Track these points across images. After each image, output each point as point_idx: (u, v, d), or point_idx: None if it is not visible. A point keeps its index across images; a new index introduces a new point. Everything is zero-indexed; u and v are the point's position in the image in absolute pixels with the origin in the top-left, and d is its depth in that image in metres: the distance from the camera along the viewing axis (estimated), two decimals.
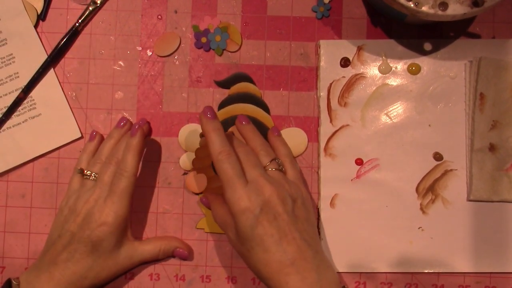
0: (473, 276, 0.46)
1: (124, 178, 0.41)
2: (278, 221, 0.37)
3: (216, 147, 0.39)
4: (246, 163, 0.40)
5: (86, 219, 0.41)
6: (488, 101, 0.45)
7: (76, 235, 0.41)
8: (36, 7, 0.48)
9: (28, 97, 0.47)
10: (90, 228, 0.40)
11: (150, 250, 0.44)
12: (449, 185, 0.46)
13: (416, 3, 0.39)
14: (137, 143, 0.42)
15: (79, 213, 0.41)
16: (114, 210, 0.41)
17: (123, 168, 0.42)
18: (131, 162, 0.42)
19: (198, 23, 0.48)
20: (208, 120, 0.40)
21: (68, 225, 0.42)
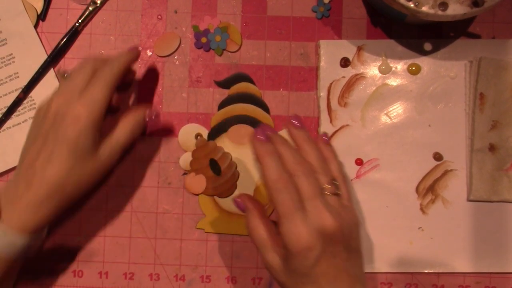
0: (473, 276, 0.46)
1: (101, 78, 0.39)
2: (336, 259, 0.34)
3: (272, 174, 0.35)
4: (306, 189, 0.35)
5: (59, 116, 0.37)
6: (488, 101, 0.45)
7: (50, 135, 0.38)
8: (36, 7, 0.48)
9: (28, 97, 0.47)
10: (64, 125, 0.37)
11: (123, 135, 0.41)
12: (449, 185, 0.46)
13: (416, 3, 0.39)
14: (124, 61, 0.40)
15: (50, 112, 0.38)
16: (88, 104, 0.37)
17: (100, 73, 0.39)
18: (110, 70, 0.39)
19: (198, 23, 0.48)
20: (261, 143, 0.36)
21: (41, 128, 0.38)
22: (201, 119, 0.47)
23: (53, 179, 0.37)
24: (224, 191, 0.46)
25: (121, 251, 0.47)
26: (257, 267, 0.46)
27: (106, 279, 0.46)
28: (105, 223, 0.47)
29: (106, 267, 0.46)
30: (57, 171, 0.37)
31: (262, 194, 0.46)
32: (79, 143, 0.37)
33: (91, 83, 0.39)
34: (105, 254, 0.47)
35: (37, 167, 0.37)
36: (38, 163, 0.38)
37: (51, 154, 0.37)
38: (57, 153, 0.37)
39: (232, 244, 0.46)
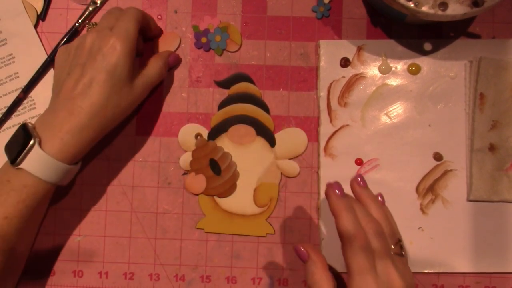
0: (473, 276, 0.46)
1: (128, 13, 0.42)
2: None
3: (350, 229, 0.35)
4: (378, 249, 0.36)
5: (95, 48, 0.40)
6: (488, 101, 0.45)
7: (87, 65, 0.40)
8: (36, 7, 0.48)
9: (28, 97, 0.47)
10: (101, 55, 0.39)
11: (155, 72, 0.44)
12: (449, 185, 0.46)
13: (416, 3, 0.39)
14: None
15: (86, 46, 0.40)
16: (121, 35, 0.40)
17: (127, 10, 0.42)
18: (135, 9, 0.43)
19: (198, 23, 0.48)
20: (338, 196, 0.37)
21: (75, 59, 0.41)
22: (201, 119, 0.47)
23: (94, 104, 0.39)
24: (224, 191, 0.46)
25: (121, 251, 0.47)
26: (257, 267, 0.46)
27: (106, 279, 0.46)
28: (105, 223, 0.47)
29: (106, 267, 0.46)
30: (98, 96, 0.39)
31: (262, 194, 0.46)
32: (116, 70, 0.40)
33: (120, 19, 0.41)
34: (105, 254, 0.47)
35: (76, 95, 0.39)
36: (77, 91, 0.39)
37: (90, 81, 0.39)
38: (97, 80, 0.39)
39: (232, 244, 0.46)
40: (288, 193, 0.47)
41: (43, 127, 0.39)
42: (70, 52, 0.42)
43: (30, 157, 0.38)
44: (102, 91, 0.39)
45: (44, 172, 0.38)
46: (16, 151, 0.38)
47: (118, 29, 0.40)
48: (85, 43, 0.41)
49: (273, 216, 0.46)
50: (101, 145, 0.47)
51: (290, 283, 0.46)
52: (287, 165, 0.47)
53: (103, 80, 0.39)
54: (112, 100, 0.40)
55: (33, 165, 0.38)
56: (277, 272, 0.46)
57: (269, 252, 0.46)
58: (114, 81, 0.40)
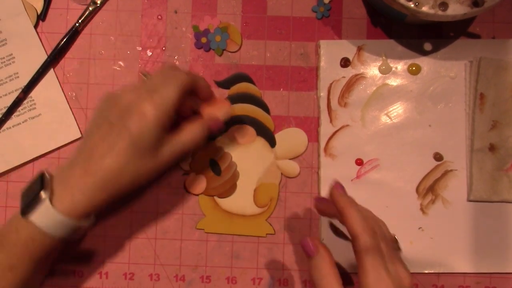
0: (473, 276, 0.46)
1: (174, 80, 0.39)
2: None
3: (361, 227, 0.35)
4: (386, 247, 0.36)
5: (128, 110, 0.38)
6: (488, 101, 0.45)
7: (115, 126, 0.38)
8: (36, 7, 0.48)
9: (28, 97, 0.47)
10: (130, 120, 0.37)
11: (190, 139, 0.40)
12: (449, 185, 0.46)
13: (416, 3, 0.39)
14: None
15: (120, 104, 0.38)
16: (157, 103, 0.37)
17: (175, 76, 0.39)
18: (185, 76, 0.39)
19: (198, 23, 0.48)
20: (343, 194, 0.37)
21: (107, 113, 0.39)
22: None
23: (110, 169, 0.37)
24: (224, 191, 0.46)
25: (121, 251, 0.47)
26: (257, 267, 0.46)
27: (106, 279, 0.46)
28: (105, 223, 0.47)
29: (106, 267, 0.46)
30: (116, 163, 0.37)
31: (262, 194, 0.46)
32: (141, 139, 0.37)
33: (164, 84, 0.39)
34: (105, 254, 0.47)
35: (96, 155, 0.38)
36: (98, 151, 0.38)
37: (112, 145, 0.37)
38: (119, 145, 0.37)
39: (232, 244, 0.46)
40: (288, 193, 0.47)
41: (59, 179, 0.38)
42: (109, 103, 0.40)
43: (40, 211, 0.37)
44: (122, 157, 0.37)
45: (52, 227, 0.37)
46: (28, 201, 0.37)
47: (157, 94, 0.38)
48: (121, 101, 0.38)
49: (273, 216, 0.46)
50: None
51: (290, 283, 0.46)
52: (287, 165, 0.47)
53: (125, 147, 0.37)
54: (131, 167, 0.38)
55: (41, 219, 0.37)
56: (277, 272, 0.46)
57: (269, 252, 0.46)
58: (137, 148, 0.37)
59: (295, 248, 0.46)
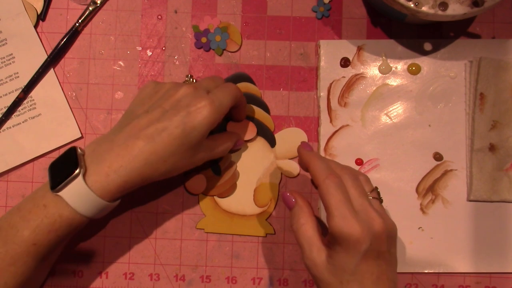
0: (473, 276, 0.46)
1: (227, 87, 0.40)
2: (380, 260, 0.35)
3: (322, 172, 0.36)
4: (354, 190, 0.36)
5: (184, 102, 0.38)
6: (488, 101, 0.45)
7: (169, 112, 0.37)
8: (36, 7, 0.48)
9: (28, 97, 0.47)
10: (185, 111, 0.37)
11: (218, 149, 0.42)
12: (449, 185, 0.46)
13: (416, 3, 0.39)
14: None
15: (178, 94, 0.38)
16: (214, 102, 0.38)
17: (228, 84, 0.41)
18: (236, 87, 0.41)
19: (198, 23, 0.48)
20: (309, 150, 0.39)
21: (160, 101, 0.39)
22: None
23: (155, 153, 0.37)
24: (224, 191, 0.46)
25: (121, 251, 0.47)
26: (257, 267, 0.46)
27: (106, 279, 0.46)
28: (105, 223, 0.47)
29: (106, 267, 0.46)
30: (163, 148, 0.37)
31: (262, 194, 0.46)
32: (192, 133, 0.37)
33: (219, 88, 0.40)
34: (105, 254, 0.47)
35: (143, 136, 0.37)
36: (145, 133, 0.37)
37: (163, 130, 0.37)
38: (170, 132, 0.37)
39: (232, 244, 0.46)
40: None
41: (93, 156, 0.37)
42: (159, 91, 0.40)
43: (71, 187, 0.36)
44: (170, 144, 0.37)
45: (82, 205, 0.36)
46: (60, 177, 0.36)
47: (214, 96, 0.39)
48: (178, 92, 0.39)
49: (273, 216, 0.46)
50: None
51: (290, 283, 0.46)
52: (287, 165, 0.47)
53: (176, 136, 0.37)
54: (174, 157, 0.38)
55: (72, 196, 0.36)
56: (277, 272, 0.46)
57: (269, 252, 0.46)
58: (185, 141, 0.37)
59: (295, 248, 0.46)
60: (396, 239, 0.37)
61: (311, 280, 0.46)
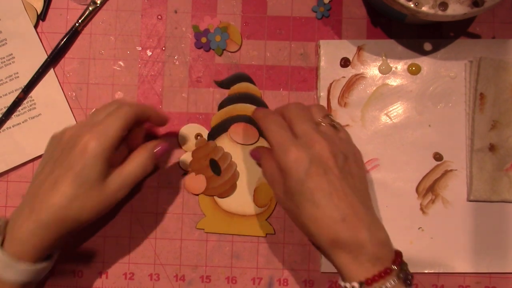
0: (473, 276, 0.46)
1: (117, 112, 0.39)
2: (328, 175, 0.35)
3: (260, 114, 0.39)
4: (296, 118, 0.38)
5: (70, 145, 0.38)
6: (488, 101, 0.45)
7: (58, 162, 0.38)
8: (36, 7, 0.48)
9: (28, 97, 0.47)
10: (72, 154, 0.37)
11: (136, 169, 0.40)
12: (449, 185, 0.46)
13: (416, 3, 0.39)
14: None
15: (63, 140, 0.39)
16: (98, 135, 0.37)
17: (118, 108, 0.39)
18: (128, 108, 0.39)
19: (198, 23, 0.48)
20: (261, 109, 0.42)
21: (52, 154, 0.39)
22: (201, 119, 0.47)
23: (55, 204, 0.37)
24: (224, 191, 0.46)
25: (121, 251, 0.47)
26: (257, 267, 0.46)
27: (106, 279, 0.46)
28: (105, 223, 0.47)
29: (106, 267, 0.46)
30: (59, 198, 0.37)
31: (262, 194, 0.46)
32: (84, 172, 0.37)
33: (106, 117, 0.39)
34: (105, 254, 0.47)
35: (41, 194, 0.37)
36: (42, 190, 0.37)
37: (56, 181, 0.37)
38: (61, 180, 0.37)
39: (232, 244, 0.46)
40: None
41: (11, 223, 0.38)
42: (53, 143, 0.41)
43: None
44: (66, 192, 0.37)
45: (5, 272, 0.36)
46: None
47: (99, 127, 0.38)
48: (64, 137, 0.39)
49: (273, 216, 0.46)
50: None
51: (290, 283, 0.46)
52: None
53: (68, 181, 0.37)
54: (77, 202, 0.37)
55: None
56: (277, 272, 0.46)
57: (269, 252, 0.46)
58: (81, 182, 0.37)
59: (295, 248, 0.46)
60: (357, 160, 0.39)
61: (311, 280, 0.46)
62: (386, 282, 0.34)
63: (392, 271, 0.34)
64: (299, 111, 0.39)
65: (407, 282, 0.35)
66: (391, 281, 0.34)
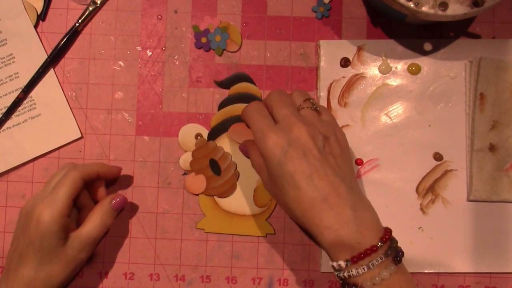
0: (473, 276, 0.46)
1: (65, 180, 0.41)
2: (308, 157, 0.36)
3: (245, 108, 0.40)
4: (276, 104, 0.39)
5: (27, 219, 0.40)
6: (488, 101, 0.45)
7: (20, 237, 0.41)
8: (36, 7, 0.48)
9: (28, 97, 0.47)
10: (30, 227, 0.40)
11: (93, 229, 0.42)
12: (449, 185, 0.46)
13: (416, 3, 0.39)
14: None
15: (22, 215, 0.42)
16: (50, 205, 0.39)
17: (67, 175, 0.41)
18: (75, 173, 0.41)
19: (198, 23, 0.48)
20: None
21: (16, 231, 0.42)
22: (201, 119, 0.47)
23: (23, 278, 0.40)
24: (224, 191, 0.46)
25: (121, 251, 0.47)
26: (257, 267, 0.46)
27: (106, 279, 0.46)
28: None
29: (106, 267, 0.47)
30: (27, 270, 0.40)
31: (262, 194, 0.46)
32: (43, 243, 0.40)
33: (56, 186, 0.41)
34: (105, 254, 0.47)
35: (12, 267, 0.41)
36: (12, 264, 0.41)
37: (20, 255, 0.40)
38: (26, 253, 0.40)
39: (232, 244, 0.46)
40: None
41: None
42: (19, 215, 0.43)
43: None
44: (30, 264, 0.40)
45: None
46: None
47: (48, 197, 0.40)
48: (22, 211, 0.42)
49: (273, 216, 0.46)
50: (101, 145, 0.47)
51: (290, 283, 0.46)
52: None
53: (31, 254, 0.40)
54: (43, 272, 0.40)
55: None
56: (277, 272, 0.46)
57: (269, 252, 0.46)
58: (43, 253, 0.40)
59: (295, 248, 0.46)
60: (338, 139, 0.39)
61: (311, 280, 0.46)
62: (373, 260, 0.34)
63: (378, 248, 0.34)
64: (279, 97, 0.39)
65: (396, 259, 0.35)
66: (377, 259, 0.34)
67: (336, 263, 0.35)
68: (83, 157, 0.47)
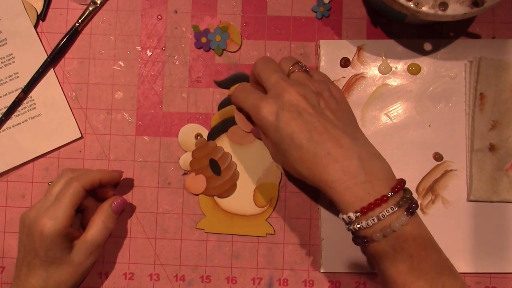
0: (473, 276, 0.46)
1: (67, 190, 0.41)
2: (303, 116, 0.35)
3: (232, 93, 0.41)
4: (263, 72, 0.39)
5: (31, 230, 0.41)
6: (488, 101, 0.45)
7: (27, 248, 0.41)
8: (36, 7, 0.48)
9: (28, 97, 0.47)
10: (34, 239, 0.40)
11: (97, 234, 0.42)
12: (449, 185, 0.46)
13: (416, 3, 0.39)
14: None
15: (25, 226, 0.42)
16: (52, 216, 0.40)
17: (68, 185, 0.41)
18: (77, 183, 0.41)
19: (198, 23, 0.48)
20: None
21: (21, 236, 0.42)
22: (201, 119, 0.47)
23: (34, 287, 0.41)
24: (224, 191, 0.46)
25: (121, 251, 0.47)
26: (257, 267, 0.46)
27: (106, 279, 0.46)
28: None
29: (106, 267, 0.46)
30: (36, 280, 0.41)
31: (262, 194, 0.46)
32: (48, 254, 0.40)
33: (58, 196, 0.41)
34: (105, 254, 0.47)
35: (21, 277, 0.41)
36: (22, 274, 0.41)
37: (28, 265, 0.41)
38: (33, 264, 0.41)
39: (232, 244, 0.46)
40: (288, 193, 0.47)
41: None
42: (20, 226, 0.42)
43: None
44: (39, 274, 0.41)
45: None
46: None
47: (51, 209, 0.40)
48: (26, 221, 0.41)
49: (273, 216, 0.46)
50: (101, 145, 0.47)
51: (290, 283, 0.46)
52: None
53: (38, 265, 0.40)
54: (52, 281, 0.41)
55: None
56: (277, 272, 0.46)
57: (269, 252, 0.46)
58: (49, 263, 0.40)
59: (295, 248, 0.46)
60: (332, 93, 0.38)
61: (311, 280, 0.46)
62: (383, 210, 0.33)
63: (388, 198, 0.33)
64: (266, 65, 0.39)
65: (409, 211, 0.33)
66: (388, 209, 0.33)
67: (346, 215, 0.34)
68: (83, 157, 0.47)
